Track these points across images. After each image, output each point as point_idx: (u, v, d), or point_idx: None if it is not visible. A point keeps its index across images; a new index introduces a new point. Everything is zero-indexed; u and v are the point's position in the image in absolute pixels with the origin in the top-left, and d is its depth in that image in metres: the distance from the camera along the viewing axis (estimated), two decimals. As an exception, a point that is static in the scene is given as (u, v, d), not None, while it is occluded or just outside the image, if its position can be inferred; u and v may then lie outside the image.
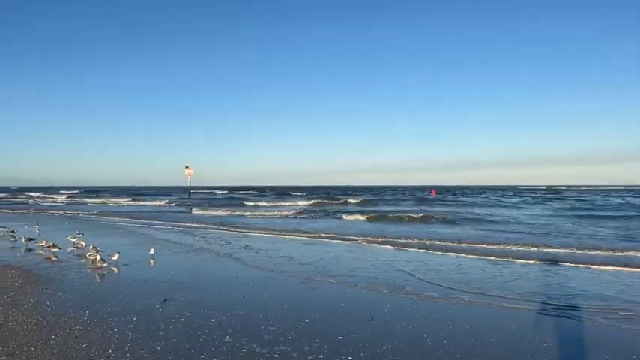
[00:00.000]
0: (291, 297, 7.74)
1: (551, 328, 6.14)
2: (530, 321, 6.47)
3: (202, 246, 14.29)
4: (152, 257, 11.91)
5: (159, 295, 7.81)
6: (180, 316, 6.51)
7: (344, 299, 7.63)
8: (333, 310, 6.97)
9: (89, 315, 6.52)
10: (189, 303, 7.27)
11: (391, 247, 13.87)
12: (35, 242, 13.58)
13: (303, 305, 7.23)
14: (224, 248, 13.78)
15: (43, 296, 7.63)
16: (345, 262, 11.08)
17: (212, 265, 11.01)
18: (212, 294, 7.92)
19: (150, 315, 6.58)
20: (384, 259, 11.73)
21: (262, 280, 9.08)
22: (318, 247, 13.97)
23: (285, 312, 6.80)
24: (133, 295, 7.76)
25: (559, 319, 6.53)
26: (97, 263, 10.41)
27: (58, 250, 12.40)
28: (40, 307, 6.92)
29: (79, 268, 10.35)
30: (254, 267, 10.62)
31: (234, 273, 9.95)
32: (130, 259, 11.36)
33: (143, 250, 12.86)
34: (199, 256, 12.43)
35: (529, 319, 6.59)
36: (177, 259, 11.83)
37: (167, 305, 7.12)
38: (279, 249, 13.54)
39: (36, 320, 6.24)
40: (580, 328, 6.15)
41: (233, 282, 9.00)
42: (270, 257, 12.19)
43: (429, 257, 12.18)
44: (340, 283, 8.79)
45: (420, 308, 7.10)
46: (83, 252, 12.54)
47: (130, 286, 8.54)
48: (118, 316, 6.47)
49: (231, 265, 10.92)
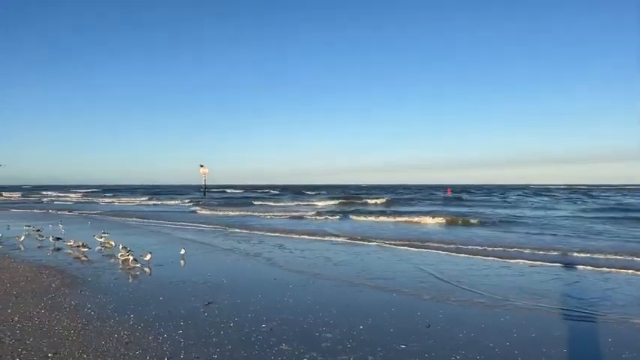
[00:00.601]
0: (336, 301, 7.43)
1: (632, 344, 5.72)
2: (606, 333, 6.04)
3: (229, 247, 14.08)
4: (183, 258, 11.71)
5: (200, 297, 7.56)
6: (228, 321, 6.23)
7: (392, 304, 7.30)
8: (385, 315, 6.64)
9: (134, 319, 6.28)
10: (234, 307, 7.00)
11: (428, 251, 13.24)
12: (63, 241, 13.47)
13: (351, 310, 6.92)
14: (252, 249, 13.55)
15: (83, 298, 7.42)
16: (381, 266, 10.73)
17: (245, 266, 10.75)
18: (254, 297, 7.64)
19: (196, 319, 6.32)
20: (423, 263, 11.33)
21: (301, 283, 8.79)
22: (348, 249, 13.63)
23: (336, 317, 6.49)
24: (175, 298, 7.52)
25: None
26: (129, 264, 10.20)
27: (87, 250, 12.22)
28: (82, 311, 6.70)
29: (112, 269, 10.16)
30: (288, 269, 10.34)
31: (270, 275, 9.69)
32: (162, 259, 11.17)
33: (172, 250, 12.68)
34: (229, 256, 12.19)
35: (602, 330, 6.16)
36: (208, 260, 11.62)
37: (212, 309, 6.86)
38: (309, 250, 13.26)
39: (81, 325, 6.01)
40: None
41: (272, 284, 8.72)
42: (304, 258, 11.93)
43: (468, 261, 11.73)
44: (382, 288, 8.45)
45: (474, 315, 6.74)
46: (112, 252, 12.40)
47: (169, 288, 8.31)
48: (165, 321, 6.22)
49: (265, 267, 10.65)
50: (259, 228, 19.69)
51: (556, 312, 6.90)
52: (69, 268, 10.20)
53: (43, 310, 6.68)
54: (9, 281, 8.64)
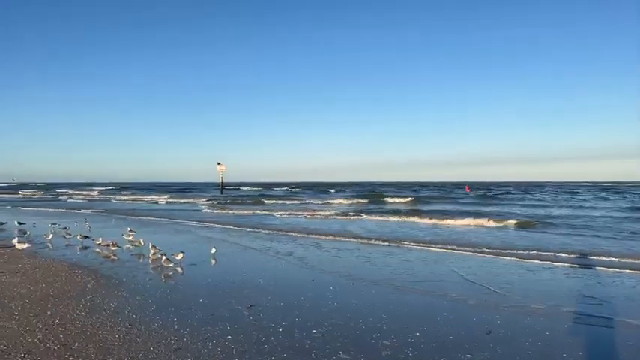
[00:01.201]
0: (383, 305, 7.07)
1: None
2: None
3: (257, 246, 13.82)
4: (213, 257, 11.47)
5: (240, 299, 7.28)
6: (276, 326, 5.92)
7: (442, 309, 6.91)
8: (439, 321, 6.26)
9: (178, 323, 6.02)
10: (278, 310, 6.69)
11: (469, 254, 12.39)
12: (92, 240, 13.35)
13: (402, 315, 6.57)
14: (281, 248, 13.27)
15: (122, 300, 7.20)
16: (420, 269, 10.23)
17: (278, 266, 10.45)
18: (296, 299, 7.33)
19: (242, 323, 6.03)
20: (463, 266, 10.86)
21: (341, 285, 8.45)
22: (382, 251, 13.19)
23: (387, 323, 6.13)
24: (215, 300, 7.26)
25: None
26: (162, 263, 9.98)
27: (116, 249, 12.07)
28: (123, 313, 6.47)
29: (144, 269, 9.97)
30: (323, 270, 10.04)
31: (306, 275, 9.38)
32: (192, 258, 10.97)
33: (201, 249, 12.47)
34: (260, 256, 11.92)
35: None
36: (239, 259, 11.37)
37: (255, 312, 6.56)
38: (340, 251, 12.91)
39: (125, 328, 5.76)
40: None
41: (311, 286, 8.40)
42: (338, 258, 11.61)
43: (515, 265, 11.00)
44: (428, 292, 8.05)
45: (534, 322, 6.28)
46: (141, 251, 12.24)
47: (206, 288, 8.06)
48: (210, 325, 5.95)
49: (298, 267, 10.34)
50: (283, 227, 19.37)
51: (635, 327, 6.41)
52: (101, 267, 10.03)
53: (83, 313, 6.46)
54: (44, 281, 8.49)
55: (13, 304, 6.88)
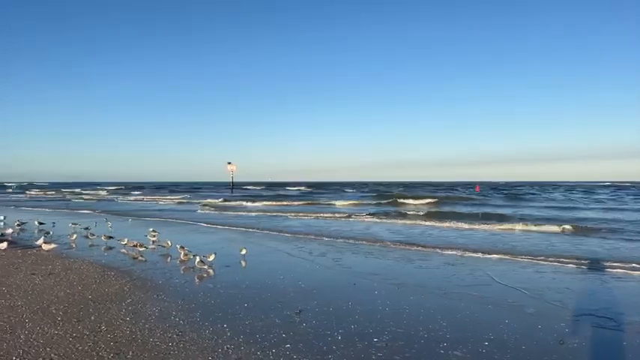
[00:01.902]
0: (439, 311, 6.75)
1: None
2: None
3: (285, 248, 13.50)
4: (244, 258, 11.18)
5: (287, 304, 6.97)
6: (333, 333, 5.61)
7: (503, 316, 6.57)
8: (503, 329, 5.91)
9: (230, 330, 5.72)
10: (329, 316, 6.37)
11: (517, 260, 11.27)
12: (117, 241, 13.13)
13: (461, 322, 6.23)
14: (310, 250, 12.97)
15: (164, 304, 6.91)
16: (464, 275, 9.84)
17: (313, 268, 10.17)
18: (344, 304, 7.00)
19: (297, 330, 5.71)
20: (508, 273, 10.38)
21: (385, 289, 8.13)
22: (418, 256, 12.74)
23: (450, 331, 5.79)
24: (260, 305, 6.95)
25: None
26: (196, 265, 9.70)
27: (143, 250, 11.84)
28: (170, 319, 6.18)
29: (176, 270, 9.74)
30: (361, 273, 9.74)
31: (346, 278, 9.07)
32: (223, 259, 10.65)
33: (229, 250, 12.18)
34: (292, 259, 11.63)
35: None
36: (270, 261, 11.09)
37: (306, 318, 6.25)
38: (371, 253, 12.68)
39: (177, 336, 5.47)
40: None
41: (354, 290, 8.07)
42: (372, 260, 11.29)
43: (562, 273, 10.32)
44: (481, 298, 7.68)
45: (608, 335, 5.89)
46: (168, 252, 11.99)
47: (248, 292, 7.76)
48: (264, 332, 5.64)
49: (335, 270, 10.06)
50: (305, 229, 19.03)
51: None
52: (133, 269, 9.78)
53: (127, 318, 6.18)
54: (79, 283, 8.24)
55: (54, 308, 6.63)
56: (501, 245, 13.74)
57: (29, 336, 5.39)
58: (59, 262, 10.46)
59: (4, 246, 11.93)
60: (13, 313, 6.34)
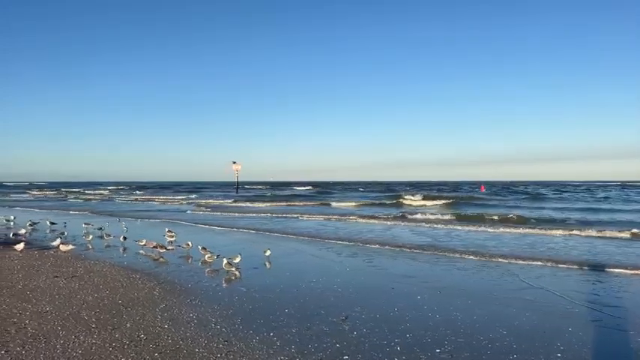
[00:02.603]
0: (494, 319, 6.36)
1: None
2: None
3: (308, 249, 13.14)
4: (268, 260, 10.79)
5: (329, 309, 6.59)
6: (390, 343, 5.21)
7: (567, 325, 6.14)
8: (573, 341, 5.54)
9: (279, 339, 5.33)
10: (378, 323, 5.99)
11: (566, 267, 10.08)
12: (135, 242, 12.76)
13: (523, 331, 5.84)
14: (336, 250, 12.62)
15: (199, 310, 6.53)
16: (507, 281, 9.41)
17: (343, 271, 9.81)
18: (390, 310, 6.62)
19: (350, 340, 5.33)
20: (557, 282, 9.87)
21: (428, 293, 7.74)
22: (441, 258, 12.35)
23: (515, 341, 5.39)
24: (302, 310, 6.57)
25: None
26: (223, 267, 9.32)
27: (164, 251, 11.47)
28: (210, 326, 5.79)
29: (201, 272, 9.41)
30: (395, 275, 9.37)
31: (381, 282, 8.71)
32: (247, 261, 10.27)
33: (251, 251, 11.75)
34: (318, 260, 11.28)
35: None
36: (296, 263, 10.77)
37: (354, 325, 5.86)
38: (397, 257, 12.29)
39: (223, 345, 5.08)
40: None
41: (395, 294, 7.69)
42: (408, 261, 10.85)
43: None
44: (533, 302, 7.26)
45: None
46: (188, 252, 11.63)
47: (284, 296, 7.39)
48: (315, 342, 5.26)
49: (368, 273, 9.68)
50: (324, 230, 18.61)
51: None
52: (158, 271, 9.41)
53: (166, 325, 5.80)
54: (105, 287, 7.86)
55: (85, 314, 6.25)
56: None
57: (66, 346, 5.01)
58: (80, 263, 10.09)
59: (21, 247, 11.58)
60: (43, 319, 5.97)
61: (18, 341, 5.13)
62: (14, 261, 10.28)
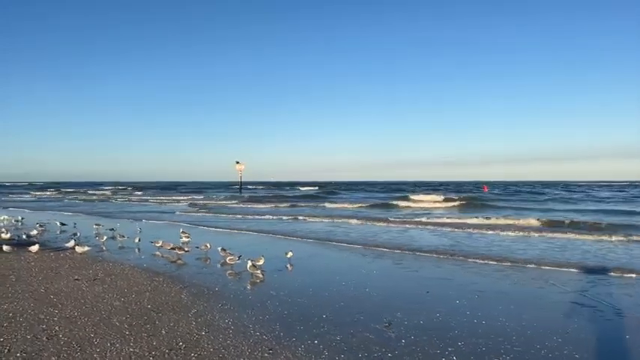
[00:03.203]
0: (544, 324, 6.12)
1: None
2: None
3: (326, 251, 12.88)
4: (290, 262, 10.51)
5: (368, 314, 6.33)
6: (446, 353, 4.96)
7: (623, 330, 5.80)
8: (635, 348, 5.17)
9: (326, 348, 5.08)
10: (424, 330, 5.73)
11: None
12: (151, 243, 12.49)
13: (581, 339, 5.58)
14: (357, 252, 12.40)
15: (233, 315, 6.26)
16: (541, 286, 9.07)
17: (370, 273, 9.57)
18: (432, 316, 6.35)
19: (401, 350, 5.07)
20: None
21: (465, 297, 7.48)
22: (468, 261, 12.01)
23: (576, 350, 5.08)
24: (340, 316, 6.31)
25: None
26: (247, 269, 9.04)
27: (183, 253, 11.19)
28: (249, 333, 5.53)
29: (224, 275, 9.17)
30: (424, 278, 9.04)
31: (413, 285, 8.44)
32: (269, 263, 9.98)
33: (271, 253, 11.40)
34: (340, 262, 11.07)
35: None
36: (318, 265, 10.53)
37: (401, 332, 5.60)
38: (422, 261, 11.93)
39: (268, 355, 4.83)
40: None
41: (432, 298, 7.43)
42: (434, 264, 10.57)
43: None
44: (583, 306, 6.98)
45: None
46: (206, 254, 11.36)
47: (318, 301, 7.14)
48: (365, 352, 4.99)
49: (396, 275, 9.49)
50: (341, 231, 18.30)
51: None
52: (180, 274, 9.15)
53: (203, 332, 5.52)
54: (130, 291, 7.59)
55: (115, 319, 5.97)
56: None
57: (103, 355, 4.73)
58: (98, 266, 9.81)
59: (36, 248, 11.30)
60: (73, 325, 5.69)
61: (52, 350, 4.85)
62: (31, 263, 10.01)
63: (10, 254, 11.05)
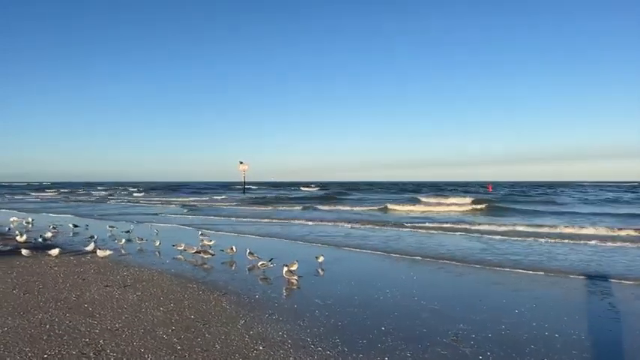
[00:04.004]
0: (630, 340, 5.58)
1: None
2: None
3: (351, 255, 12.44)
4: (321, 267, 10.10)
5: (430, 326, 5.94)
6: (532, 371, 4.45)
7: None
8: None
9: (400, 365, 4.58)
10: (497, 344, 5.36)
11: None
12: (173, 246, 12.06)
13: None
14: (386, 257, 11.91)
15: (286, 327, 5.87)
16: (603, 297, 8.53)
17: (410, 278, 9.18)
18: (497, 327, 5.98)
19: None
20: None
21: (522, 306, 7.02)
22: (513, 271, 11.32)
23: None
24: (401, 328, 5.93)
25: None
26: (283, 275, 8.62)
27: (209, 257, 10.78)
28: (310, 348, 5.16)
29: (257, 280, 8.71)
30: (472, 283, 8.63)
31: (461, 291, 8.06)
32: (302, 267, 9.52)
33: (302, 258, 10.90)
34: (375, 267, 10.68)
35: None
36: (352, 270, 10.19)
37: (472, 348, 5.20)
38: (460, 265, 11.51)
39: (342, 373, 4.34)
40: None
41: (488, 307, 7.05)
42: (475, 270, 10.10)
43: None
44: None
45: None
46: (231, 258, 10.96)
47: (369, 310, 6.77)
48: (444, 369, 4.50)
49: (438, 280, 9.10)
50: (360, 234, 17.81)
51: None
52: (213, 280, 8.77)
53: (260, 347, 5.12)
54: (167, 299, 7.17)
55: (161, 331, 5.56)
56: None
57: (162, 374, 4.28)
58: (124, 271, 9.39)
59: (57, 252, 10.87)
60: (118, 339, 5.26)
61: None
62: (54, 268, 9.58)
63: (29, 258, 10.62)
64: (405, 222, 21.44)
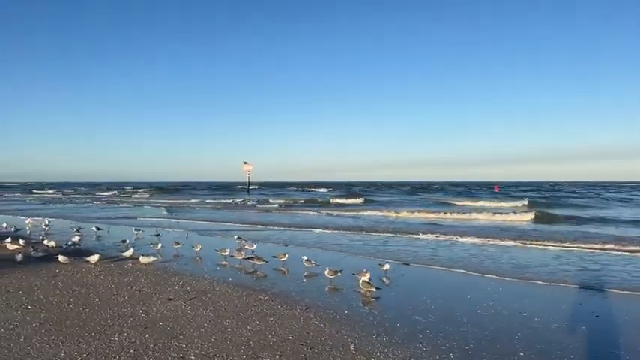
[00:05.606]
0: None
1: None
2: None
3: (421, 268, 11.46)
4: (386, 275, 9.29)
5: (564, 349, 5.08)
6: None
7: None
8: None
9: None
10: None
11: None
12: (216, 251, 11.25)
13: None
14: (445, 267, 11.02)
15: (405, 351, 5.09)
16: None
17: (495, 290, 8.34)
18: (614, 348, 5.06)
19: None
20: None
21: None
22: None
23: None
24: (531, 350, 5.05)
25: None
26: (360, 285, 7.86)
27: (261, 264, 9.95)
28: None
29: (325, 290, 7.88)
30: (577, 293, 7.84)
31: (569, 308, 7.16)
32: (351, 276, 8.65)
33: (358, 265, 10.13)
34: (439, 274, 9.86)
35: None
36: (419, 280, 9.41)
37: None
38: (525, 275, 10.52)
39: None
40: None
41: (602, 325, 6.20)
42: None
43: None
44: None
45: None
46: (284, 265, 10.19)
47: (479, 327, 5.99)
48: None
49: (524, 292, 8.19)
50: (406, 242, 16.91)
51: None
52: (283, 291, 8.06)
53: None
54: (246, 314, 6.39)
55: (266, 357, 4.69)
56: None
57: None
58: (178, 280, 8.57)
59: (96, 259, 10.02)
60: (222, 368, 4.39)
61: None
62: (100, 277, 8.72)
63: (67, 265, 9.75)
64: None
